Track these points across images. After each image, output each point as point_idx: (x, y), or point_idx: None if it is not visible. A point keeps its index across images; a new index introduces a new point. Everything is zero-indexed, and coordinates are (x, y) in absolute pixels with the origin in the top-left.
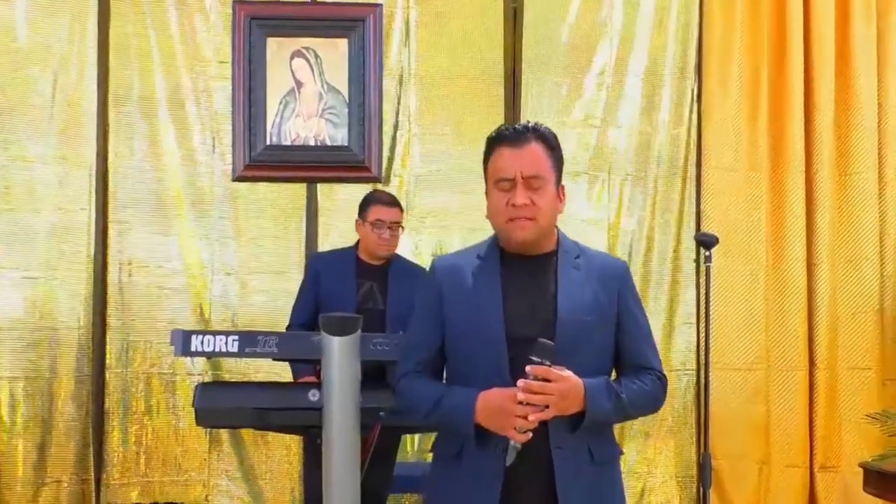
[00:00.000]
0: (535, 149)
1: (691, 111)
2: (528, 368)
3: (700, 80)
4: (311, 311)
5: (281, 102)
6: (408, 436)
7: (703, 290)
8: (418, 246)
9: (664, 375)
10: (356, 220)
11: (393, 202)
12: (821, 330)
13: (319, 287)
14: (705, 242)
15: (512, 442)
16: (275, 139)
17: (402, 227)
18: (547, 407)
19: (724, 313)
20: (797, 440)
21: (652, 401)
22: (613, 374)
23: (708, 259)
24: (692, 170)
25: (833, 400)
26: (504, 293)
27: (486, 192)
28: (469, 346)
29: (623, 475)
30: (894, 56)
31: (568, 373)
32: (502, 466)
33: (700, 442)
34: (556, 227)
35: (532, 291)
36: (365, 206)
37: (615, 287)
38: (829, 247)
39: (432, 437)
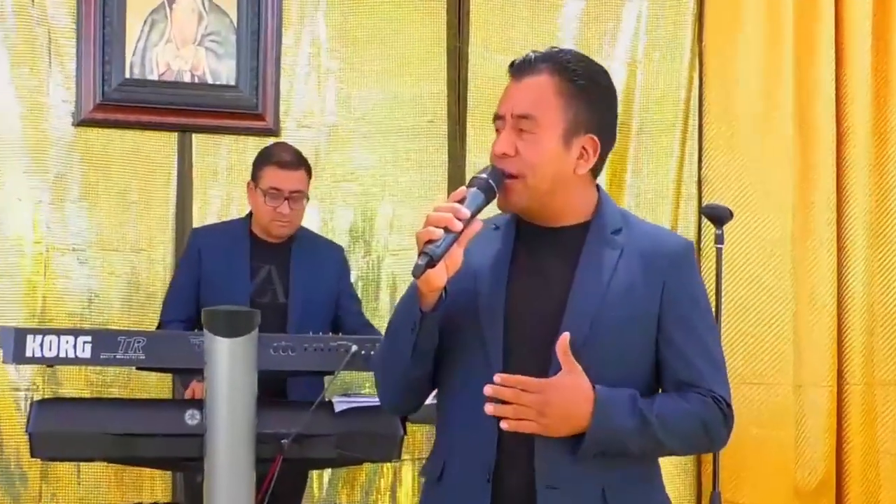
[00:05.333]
0: (539, 81)
1: (694, 38)
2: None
3: None
4: (191, 306)
5: (146, 22)
6: (315, 473)
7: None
8: (331, 220)
9: (725, 402)
10: (248, 184)
11: (295, 163)
12: (852, 335)
13: (202, 272)
14: (715, 217)
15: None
16: (136, 72)
17: (308, 197)
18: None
19: (731, 311)
20: (823, 476)
21: (700, 426)
22: None
23: (719, 240)
24: (693, 119)
25: (867, 424)
26: (511, 271)
27: None
28: (461, 326)
29: None
30: None
31: (566, 379)
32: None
33: (709, 478)
34: (599, 187)
35: (545, 274)
36: (258, 165)
37: (660, 275)
38: (863, 223)
39: (344, 475)
